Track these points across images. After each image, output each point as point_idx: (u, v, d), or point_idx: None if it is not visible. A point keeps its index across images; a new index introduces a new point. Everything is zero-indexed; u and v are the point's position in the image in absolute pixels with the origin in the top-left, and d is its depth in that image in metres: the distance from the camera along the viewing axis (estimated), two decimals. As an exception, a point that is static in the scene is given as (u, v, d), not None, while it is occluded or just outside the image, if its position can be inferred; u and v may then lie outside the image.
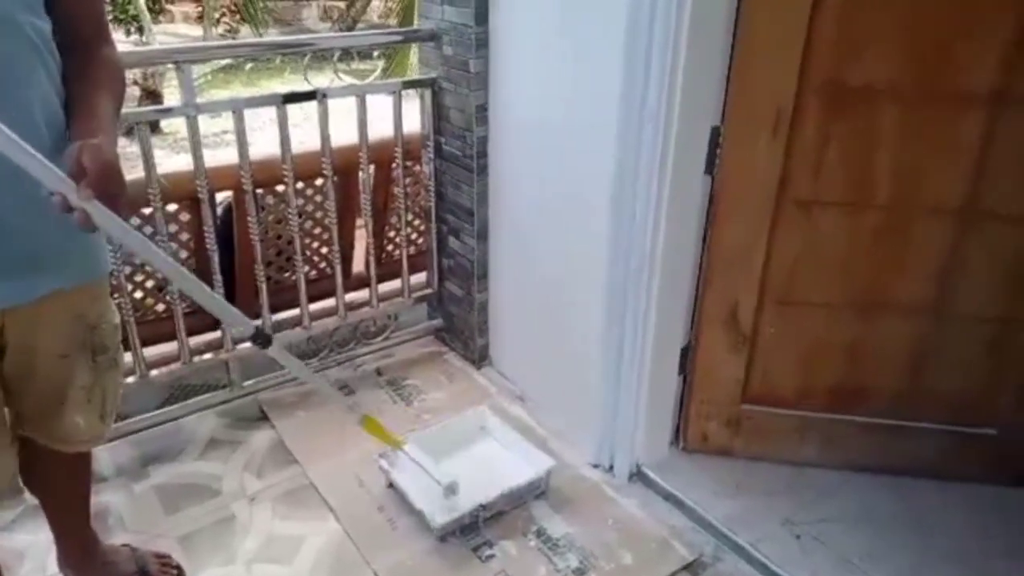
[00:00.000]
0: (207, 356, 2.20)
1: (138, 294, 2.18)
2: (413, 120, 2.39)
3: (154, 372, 2.12)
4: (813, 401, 1.96)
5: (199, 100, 1.99)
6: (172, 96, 8.23)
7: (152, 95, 8.47)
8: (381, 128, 2.37)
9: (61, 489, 1.54)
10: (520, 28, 2.02)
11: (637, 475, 2.03)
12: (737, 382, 1.97)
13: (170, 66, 2.05)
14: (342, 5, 12.70)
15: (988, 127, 1.61)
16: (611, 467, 2.05)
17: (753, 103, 1.67)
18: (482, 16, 2.10)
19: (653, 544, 1.80)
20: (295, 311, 2.34)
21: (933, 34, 1.56)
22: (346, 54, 3.44)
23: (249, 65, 10.31)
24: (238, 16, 10.41)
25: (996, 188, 1.66)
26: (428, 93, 2.34)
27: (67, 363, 1.29)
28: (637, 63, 1.65)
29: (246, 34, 10.81)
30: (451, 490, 1.80)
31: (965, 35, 1.55)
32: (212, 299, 1.22)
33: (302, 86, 2.15)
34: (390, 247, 2.74)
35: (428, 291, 2.61)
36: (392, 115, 2.33)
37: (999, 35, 1.54)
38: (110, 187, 0.97)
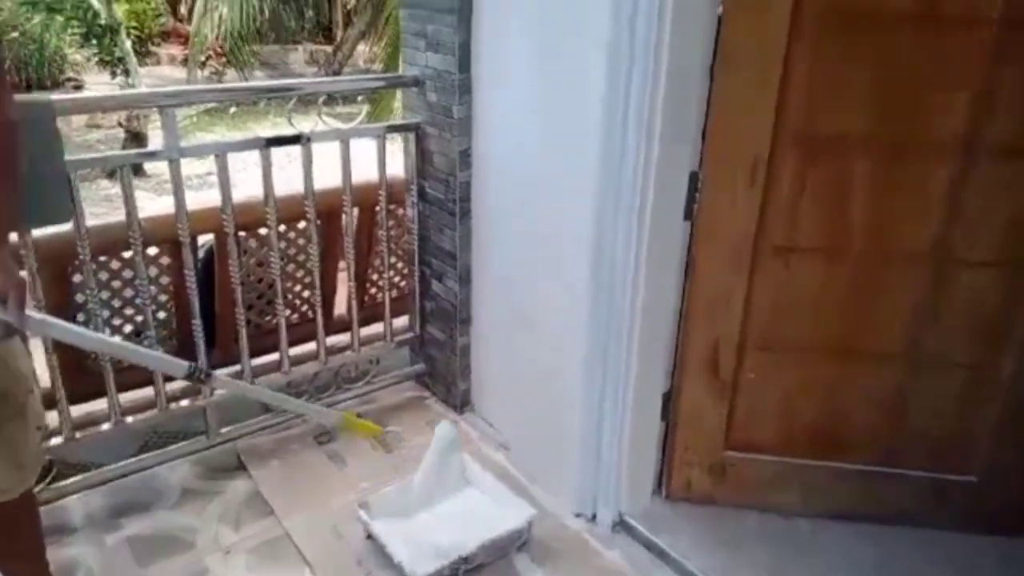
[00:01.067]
0: (184, 403, 2.17)
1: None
2: (397, 163, 2.40)
3: (129, 419, 2.08)
4: (795, 447, 1.95)
5: (183, 143, 2.00)
6: (156, 136, 8.25)
7: (136, 137, 8.49)
8: (365, 171, 2.38)
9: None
10: (501, 75, 2.05)
11: (620, 525, 2.00)
12: (720, 428, 1.97)
13: (154, 109, 2.06)
14: (328, 50, 12.88)
15: (958, 176, 1.65)
16: (594, 516, 2.02)
17: (730, 151, 1.70)
18: (465, 63, 2.14)
19: (636, 595, 1.77)
20: (275, 355, 2.31)
21: (902, 86, 1.60)
22: (331, 98, 3.47)
23: (234, 108, 10.38)
24: (224, 59, 10.52)
25: (967, 236, 1.69)
26: (412, 137, 2.36)
27: None
28: (616, 110, 1.67)
29: (232, 77, 10.92)
30: None
31: (933, 87, 1.59)
32: (137, 353, 1.23)
33: (286, 129, 2.16)
34: (373, 290, 2.73)
35: (410, 335, 2.60)
36: (376, 159, 2.34)
37: (967, 87, 1.58)
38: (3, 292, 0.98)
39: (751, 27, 1.60)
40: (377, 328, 2.55)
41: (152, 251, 2.15)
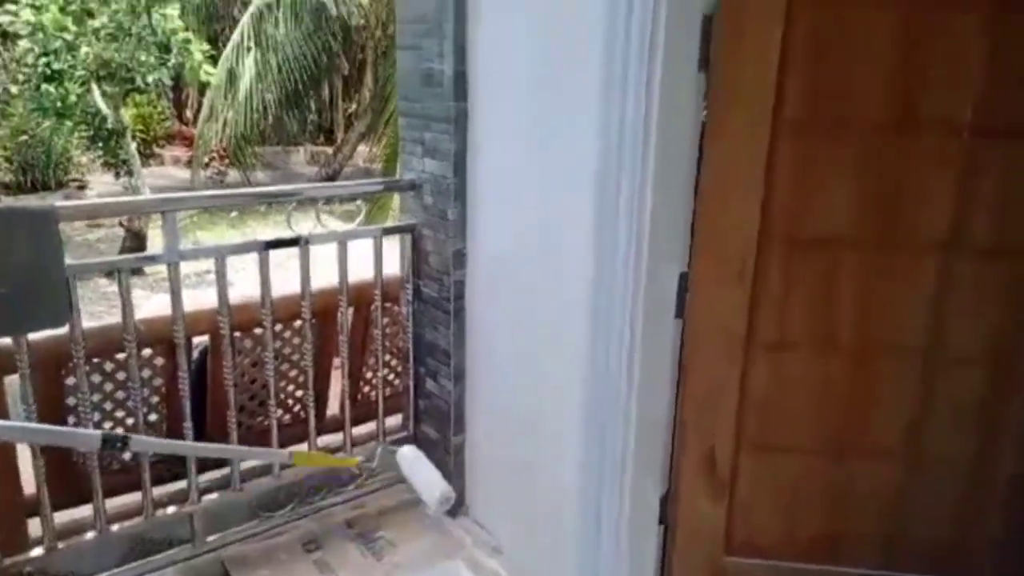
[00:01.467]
0: (171, 509, 2.11)
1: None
2: (393, 260, 2.44)
3: (115, 527, 2.02)
4: (796, 551, 1.90)
5: (183, 243, 2.03)
6: (156, 234, 8.40)
7: (136, 236, 8.63)
8: (362, 269, 2.42)
9: None
10: (495, 179, 2.12)
11: (620, 634, 1.92)
12: (719, 532, 1.92)
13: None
14: (329, 151, 13.29)
15: (943, 276, 1.68)
16: (592, 625, 1.94)
17: (718, 250, 1.74)
18: (460, 168, 2.21)
19: None
20: (266, 457, 2.28)
21: (883, 189, 1.66)
22: (331, 198, 3.57)
23: (234, 212, 10.61)
24: (226, 160, 10.83)
25: (955, 333, 1.71)
26: (408, 238, 2.41)
27: None
28: (607, 214, 1.72)
29: (233, 177, 11.22)
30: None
31: (913, 191, 1.65)
32: (46, 432, 1.19)
33: (286, 231, 2.21)
34: (366, 388, 2.72)
35: (403, 434, 2.57)
36: (373, 258, 2.38)
37: (945, 191, 1.64)
38: None
39: (734, 133, 1.67)
40: (370, 427, 2.52)
41: (146, 352, 2.15)
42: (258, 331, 2.27)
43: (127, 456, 2.17)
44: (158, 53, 7.71)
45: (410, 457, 1.92)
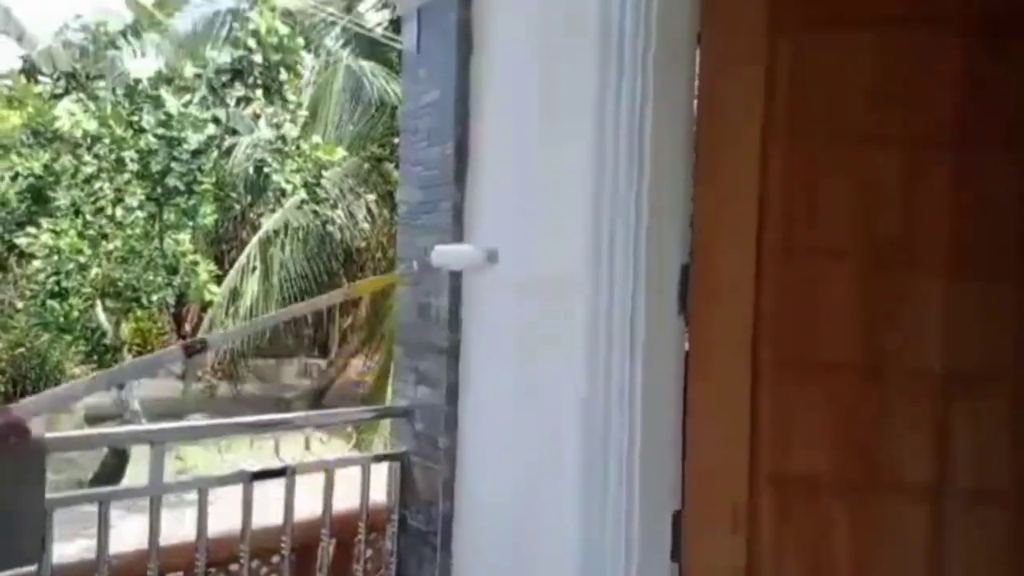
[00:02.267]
0: None
1: None
2: (380, 481, 2.38)
3: None
4: None
5: (167, 462, 1.99)
6: (139, 453, 8.19)
7: (118, 454, 8.41)
8: (350, 492, 2.34)
9: None
10: (488, 407, 2.15)
11: None
12: None
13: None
14: (322, 364, 13.45)
15: (933, 519, 1.66)
16: None
17: (709, 494, 1.72)
18: (452, 396, 2.24)
19: None
20: None
21: (861, 428, 1.69)
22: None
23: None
24: (219, 373, 10.90)
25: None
26: (397, 467, 2.38)
27: None
28: (596, 464, 1.73)
29: (225, 390, 11.23)
30: None
31: (890, 432, 1.68)
32: None
33: (272, 460, 2.18)
34: (344, 634, 2.53)
35: None
36: (360, 487, 2.32)
37: (928, 429, 1.66)
38: None
39: (713, 375, 1.73)
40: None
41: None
42: (233, 567, 2.17)
43: None
44: (165, 274, 8.06)
45: None
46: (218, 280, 9.59)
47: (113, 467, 8.18)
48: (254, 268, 9.87)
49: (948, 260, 1.66)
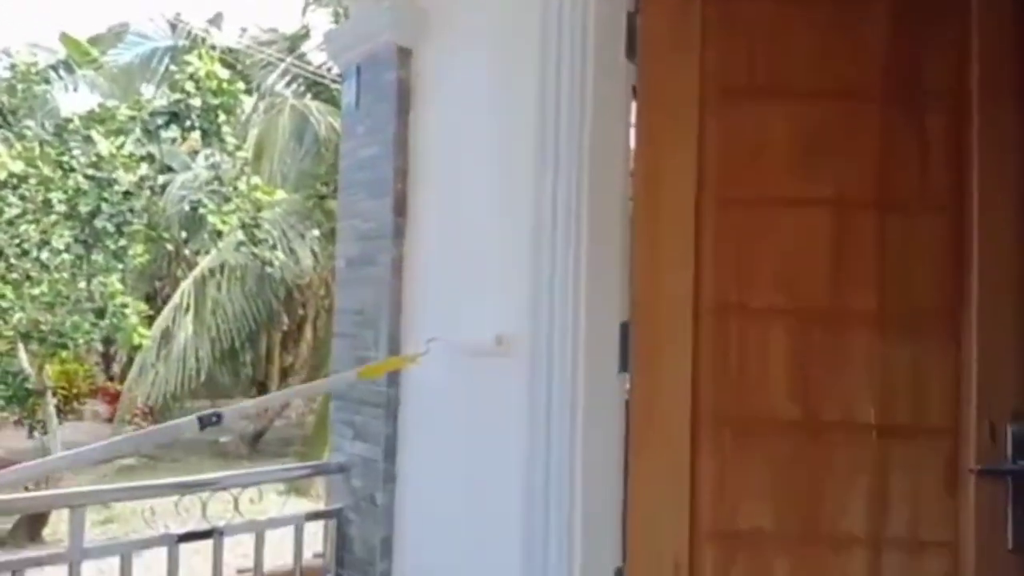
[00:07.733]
0: None
1: None
2: (315, 542, 2.30)
3: None
4: None
5: (88, 522, 1.89)
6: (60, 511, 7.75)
7: (36, 517, 7.92)
8: (282, 549, 2.26)
9: None
10: (425, 463, 2.12)
11: None
12: None
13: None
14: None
15: (871, 569, 1.68)
16: None
17: (651, 550, 1.72)
18: (390, 453, 2.20)
19: None
20: None
21: (801, 485, 1.72)
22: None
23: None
24: (150, 417, 10.47)
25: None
26: (332, 525, 2.31)
27: None
28: (537, 509, 1.72)
29: (156, 435, 10.71)
30: None
31: (826, 487, 1.71)
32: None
33: (200, 521, 2.10)
34: None
35: None
36: (293, 546, 2.24)
37: (864, 481, 1.70)
38: None
39: (654, 431, 1.75)
40: None
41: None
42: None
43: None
44: (93, 317, 7.73)
45: None
46: (150, 320, 9.26)
47: (29, 528, 7.72)
48: (187, 308, 9.58)
49: (878, 316, 1.72)
